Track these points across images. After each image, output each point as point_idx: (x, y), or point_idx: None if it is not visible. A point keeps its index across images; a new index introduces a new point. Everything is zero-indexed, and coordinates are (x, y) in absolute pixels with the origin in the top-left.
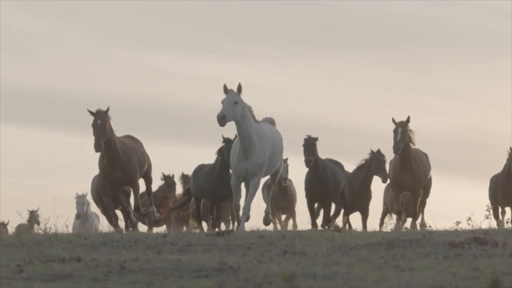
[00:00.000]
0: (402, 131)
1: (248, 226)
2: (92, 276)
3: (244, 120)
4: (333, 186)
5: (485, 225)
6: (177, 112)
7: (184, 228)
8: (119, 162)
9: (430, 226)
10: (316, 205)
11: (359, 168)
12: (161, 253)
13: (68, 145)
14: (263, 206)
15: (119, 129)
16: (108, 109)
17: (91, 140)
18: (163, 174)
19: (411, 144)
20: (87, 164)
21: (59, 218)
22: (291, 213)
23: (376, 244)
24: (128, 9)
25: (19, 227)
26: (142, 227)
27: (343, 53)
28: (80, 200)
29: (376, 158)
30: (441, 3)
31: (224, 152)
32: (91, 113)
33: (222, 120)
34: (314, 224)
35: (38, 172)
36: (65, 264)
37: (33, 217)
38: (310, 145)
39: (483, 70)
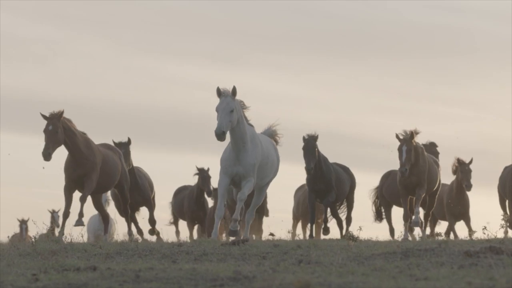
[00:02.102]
0: (407, 149)
1: (264, 235)
2: (107, 285)
3: (239, 125)
4: (336, 183)
5: (500, 234)
6: (192, 120)
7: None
8: (80, 159)
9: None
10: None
11: None
12: (176, 262)
13: None
14: (285, 219)
15: (132, 138)
16: (61, 113)
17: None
18: (196, 167)
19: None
20: None
21: (74, 227)
22: (320, 223)
23: (392, 254)
24: (143, 18)
25: (41, 237)
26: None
27: (358, 62)
28: (102, 198)
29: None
30: (456, 12)
31: None
32: (44, 117)
33: (222, 136)
34: (312, 220)
35: (54, 181)
36: (81, 273)
37: (54, 218)
38: (310, 148)
39: (500, 79)
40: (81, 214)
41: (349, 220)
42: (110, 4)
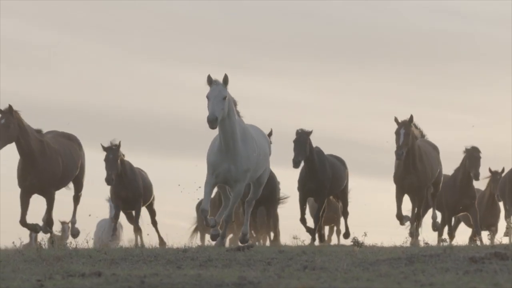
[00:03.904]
0: (405, 133)
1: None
2: None
3: (230, 117)
4: (329, 182)
5: (505, 240)
6: (198, 126)
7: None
8: (35, 168)
9: (450, 242)
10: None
11: (458, 168)
12: (181, 268)
13: (87, 160)
14: (292, 225)
15: (137, 144)
16: (10, 108)
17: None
18: None
19: (419, 138)
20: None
21: (79, 233)
22: (337, 224)
23: (397, 259)
24: (148, 24)
25: (52, 238)
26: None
27: (361, 67)
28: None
29: (470, 154)
30: (461, 18)
31: None
32: None
33: (215, 122)
34: (303, 220)
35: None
36: (86, 279)
37: (63, 229)
38: (301, 142)
39: (503, 85)
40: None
41: (345, 213)
42: (115, 9)
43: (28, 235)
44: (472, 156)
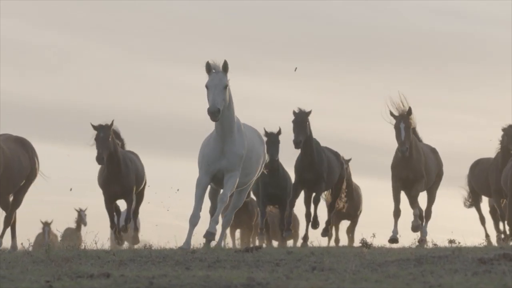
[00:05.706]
0: (405, 126)
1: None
2: None
3: (229, 107)
4: (327, 173)
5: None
6: (198, 126)
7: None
8: None
9: (459, 243)
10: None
11: (498, 152)
12: (189, 269)
13: (87, 160)
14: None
15: (141, 145)
16: None
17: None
18: None
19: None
20: None
21: (88, 234)
22: (354, 222)
23: (405, 260)
24: (148, 24)
25: (66, 232)
26: (171, 244)
27: (363, 67)
28: None
29: (507, 131)
30: (461, 18)
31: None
32: None
33: (217, 114)
34: (291, 203)
35: (65, 188)
36: (94, 280)
37: (81, 216)
38: (300, 122)
39: (505, 85)
40: None
41: (332, 207)
42: (115, 10)
43: (41, 228)
44: (510, 131)
